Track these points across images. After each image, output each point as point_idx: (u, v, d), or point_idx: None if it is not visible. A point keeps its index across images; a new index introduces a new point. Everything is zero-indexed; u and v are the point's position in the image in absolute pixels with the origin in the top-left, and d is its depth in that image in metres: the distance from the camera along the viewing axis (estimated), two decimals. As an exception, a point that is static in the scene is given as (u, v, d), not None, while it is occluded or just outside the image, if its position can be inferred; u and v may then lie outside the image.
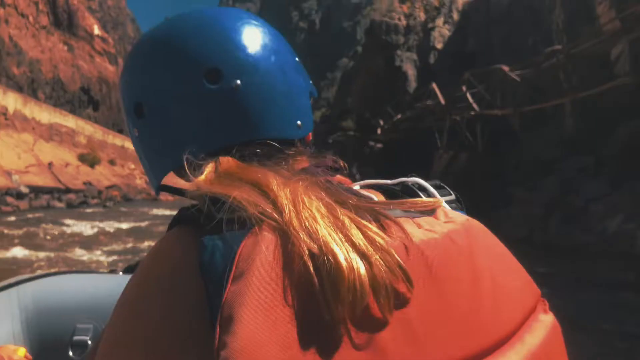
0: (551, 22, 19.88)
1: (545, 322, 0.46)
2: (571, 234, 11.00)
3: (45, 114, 24.81)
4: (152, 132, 0.55)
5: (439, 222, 0.45)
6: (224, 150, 0.51)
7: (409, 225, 0.42)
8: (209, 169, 0.47)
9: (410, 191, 0.55)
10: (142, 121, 0.55)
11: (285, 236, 0.38)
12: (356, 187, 0.55)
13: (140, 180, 31.69)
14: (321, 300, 0.35)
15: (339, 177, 0.55)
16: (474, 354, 0.40)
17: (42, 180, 19.71)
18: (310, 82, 0.64)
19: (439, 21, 29.40)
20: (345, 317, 0.35)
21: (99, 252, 10.60)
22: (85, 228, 14.44)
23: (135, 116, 0.55)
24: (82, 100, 38.37)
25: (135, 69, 0.57)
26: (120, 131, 46.18)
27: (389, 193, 0.56)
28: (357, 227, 0.40)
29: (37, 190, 18.87)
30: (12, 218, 16.89)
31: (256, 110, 0.53)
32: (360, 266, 0.36)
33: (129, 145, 41.45)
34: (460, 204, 0.57)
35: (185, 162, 0.48)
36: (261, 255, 0.37)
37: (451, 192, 0.58)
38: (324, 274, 0.36)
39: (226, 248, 0.38)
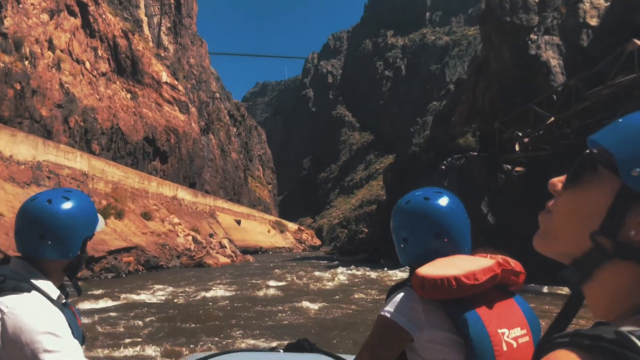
0: None
1: None
2: None
3: (24, 147, 17.74)
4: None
5: None
6: None
7: None
8: None
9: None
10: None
11: None
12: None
13: (184, 240, 22.85)
14: None
15: None
16: None
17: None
18: None
19: (589, -11, 20.88)
20: None
21: None
22: None
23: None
24: (147, 151, 34.03)
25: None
26: (193, 185, 41.13)
27: None
28: None
29: None
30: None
31: None
32: None
33: (183, 195, 34.87)
34: None
35: None
36: None
37: None
38: None
39: None
